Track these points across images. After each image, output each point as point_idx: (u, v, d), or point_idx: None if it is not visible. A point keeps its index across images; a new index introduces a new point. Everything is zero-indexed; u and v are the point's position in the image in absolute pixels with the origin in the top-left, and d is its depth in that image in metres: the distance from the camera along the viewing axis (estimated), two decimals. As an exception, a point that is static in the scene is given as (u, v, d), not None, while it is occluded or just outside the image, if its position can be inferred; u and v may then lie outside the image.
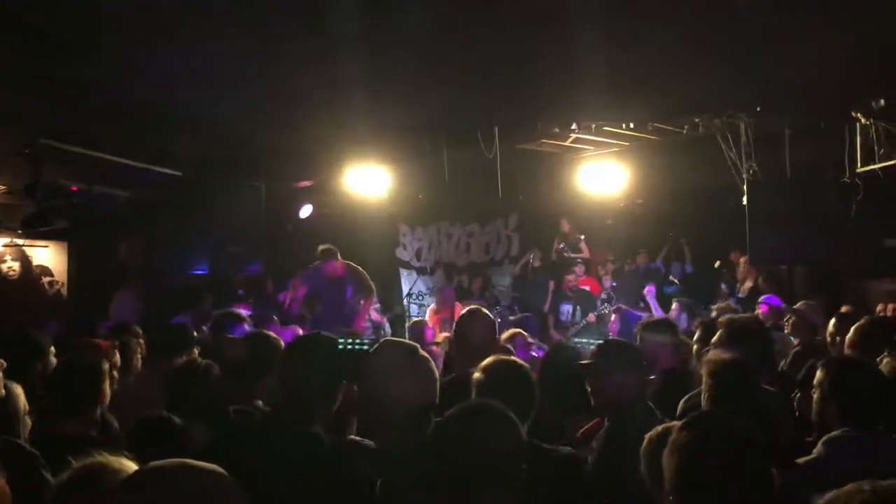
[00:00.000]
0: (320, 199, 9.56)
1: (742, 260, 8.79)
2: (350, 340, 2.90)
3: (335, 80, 5.61)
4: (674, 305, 7.47)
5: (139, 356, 4.37)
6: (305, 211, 9.62)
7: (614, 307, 8.95)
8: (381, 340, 2.65)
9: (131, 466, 1.71)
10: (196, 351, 4.19)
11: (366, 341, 2.88)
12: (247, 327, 4.72)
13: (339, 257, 7.69)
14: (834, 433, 2.75)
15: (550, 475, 1.96)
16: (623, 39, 4.74)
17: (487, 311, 4.06)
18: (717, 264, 9.69)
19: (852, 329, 4.09)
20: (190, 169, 7.84)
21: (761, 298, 7.74)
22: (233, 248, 7.90)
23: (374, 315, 8.94)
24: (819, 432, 2.88)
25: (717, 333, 3.96)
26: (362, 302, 7.65)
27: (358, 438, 2.63)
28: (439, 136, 7.65)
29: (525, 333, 5.44)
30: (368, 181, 8.57)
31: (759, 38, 4.69)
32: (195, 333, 4.38)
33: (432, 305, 9.38)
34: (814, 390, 2.91)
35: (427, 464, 1.97)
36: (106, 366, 3.21)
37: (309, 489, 2.06)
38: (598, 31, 4.60)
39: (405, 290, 11.73)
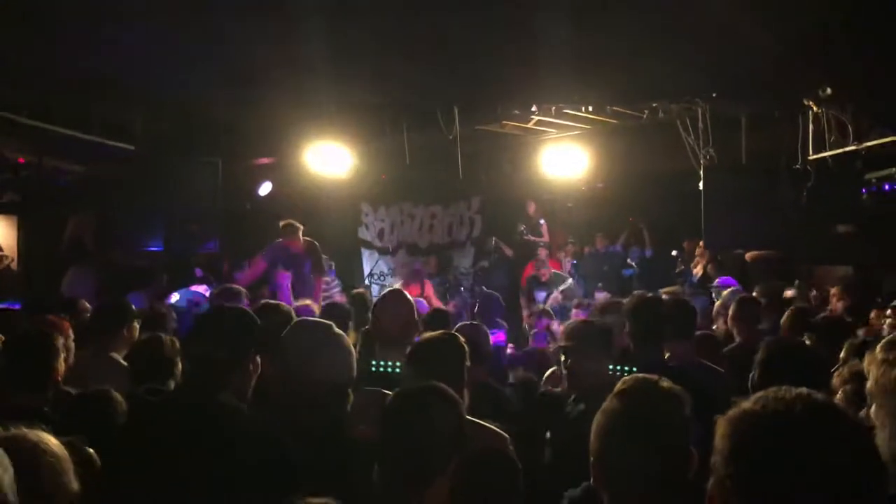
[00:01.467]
0: (280, 176, 9.43)
1: (700, 244, 8.93)
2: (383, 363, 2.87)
3: (294, 56, 5.54)
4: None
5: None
6: (265, 188, 9.50)
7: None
8: (296, 320, 2.64)
9: (49, 440, 1.70)
10: (137, 324, 4.15)
11: (398, 364, 2.83)
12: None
13: (301, 233, 7.67)
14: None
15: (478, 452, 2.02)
16: (582, 23, 4.76)
17: (408, 294, 3.82)
18: (674, 252, 9.84)
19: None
20: (145, 144, 7.67)
21: (715, 281, 7.89)
22: (189, 226, 7.78)
23: (337, 297, 8.90)
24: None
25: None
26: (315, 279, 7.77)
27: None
28: (400, 115, 7.61)
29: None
30: (330, 159, 8.49)
31: (714, 24, 4.75)
32: (133, 308, 4.32)
33: (400, 282, 9.39)
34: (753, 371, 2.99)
35: (372, 445, 1.99)
36: (60, 341, 3.17)
37: (211, 451, 2.06)
38: (558, 14, 4.61)
39: (366, 269, 11.70)
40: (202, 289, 7.61)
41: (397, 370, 2.84)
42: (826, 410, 1.19)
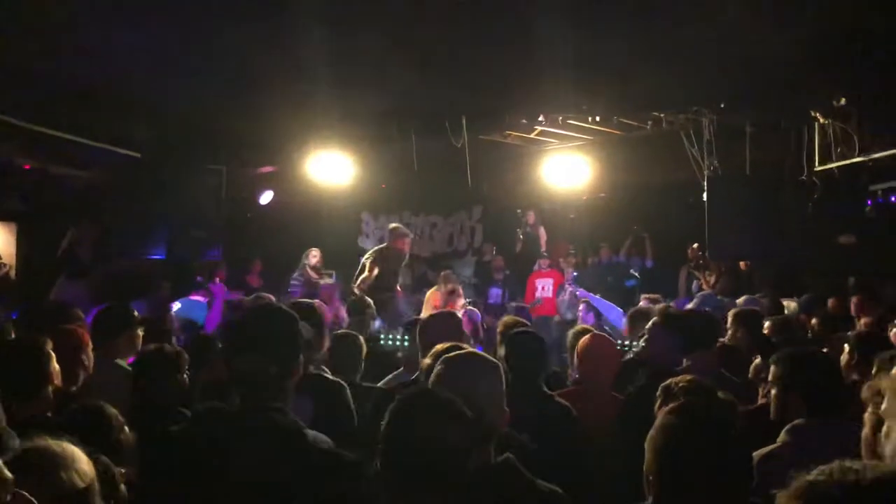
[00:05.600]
0: (282, 185, 9.41)
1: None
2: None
3: (297, 63, 5.52)
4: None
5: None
6: (266, 197, 9.48)
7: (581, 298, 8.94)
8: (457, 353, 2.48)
9: (73, 449, 1.65)
10: (140, 332, 4.09)
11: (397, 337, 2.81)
12: None
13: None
14: (797, 421, 2.78)
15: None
16: (588, 32, 4.75)
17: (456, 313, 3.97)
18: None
19: None
20: (149, 151, 7.65)
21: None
22: (191, 233, 7.74)
23: (341, 312, 8.65)
24: (780, 423, 2.91)
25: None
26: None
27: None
28: (404, 124, 7.58)
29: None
30: (331, 168, 8.46)
31: (722, 35, 4.74)
32: (136, 314, 4.25)
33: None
34: (770, 384, 2.94)
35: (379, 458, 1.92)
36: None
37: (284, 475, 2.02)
38: (564, 23, 4.60)
39: (366, 278, 11.62)
40: (201, 296, 7.57)
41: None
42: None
